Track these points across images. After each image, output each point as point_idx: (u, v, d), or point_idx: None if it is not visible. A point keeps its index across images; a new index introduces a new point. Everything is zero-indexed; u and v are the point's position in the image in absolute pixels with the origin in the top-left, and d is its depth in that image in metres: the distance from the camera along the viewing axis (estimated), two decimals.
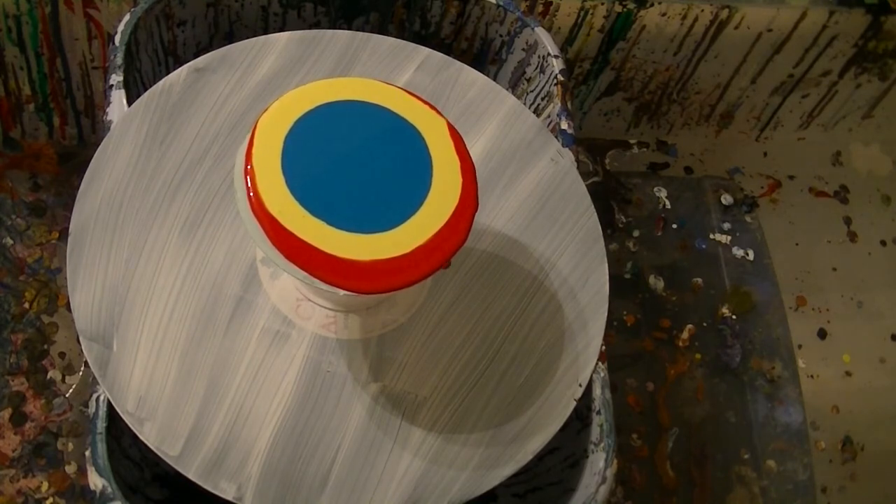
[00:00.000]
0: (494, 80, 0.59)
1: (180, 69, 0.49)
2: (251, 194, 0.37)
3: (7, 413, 0.62)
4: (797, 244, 0.81)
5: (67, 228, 0.44)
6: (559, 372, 0.45)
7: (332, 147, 0.38)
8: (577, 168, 0.52)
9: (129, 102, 0.50)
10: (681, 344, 0.74)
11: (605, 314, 0.47)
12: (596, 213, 0.49)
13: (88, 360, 0.42)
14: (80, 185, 0.45)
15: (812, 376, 0.75)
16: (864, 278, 0.81)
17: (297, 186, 0.37)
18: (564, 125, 0.56)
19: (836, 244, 0.82)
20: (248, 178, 0.37)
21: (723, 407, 0.72)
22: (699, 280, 0.77)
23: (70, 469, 0.61)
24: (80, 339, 0.42)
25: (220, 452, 0.41)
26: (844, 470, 0.72)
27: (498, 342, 0.45)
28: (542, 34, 0.60)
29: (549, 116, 0.58)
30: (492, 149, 0.50)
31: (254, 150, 0.38)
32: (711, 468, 0.70)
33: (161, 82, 0.48)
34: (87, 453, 0.43)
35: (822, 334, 0.77)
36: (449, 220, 0.37)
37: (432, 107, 0.40)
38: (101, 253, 0.44)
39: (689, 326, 0.75)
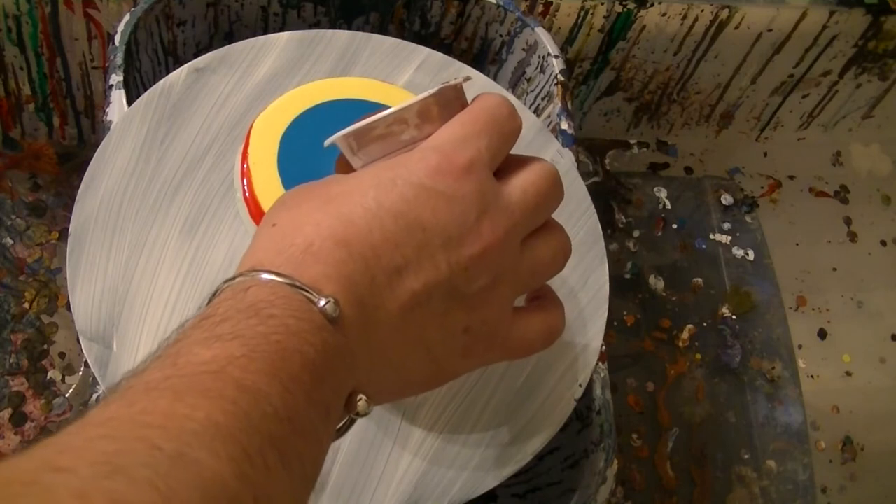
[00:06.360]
0: (494, 80, 0.59)
1: (180, 69, 0.49)
2: (247, 194, 0.37)
3: (7, 413, 0.62)
4: (797, 244, 0.81)
5: (67, 228, 0.44)
6: (559, 372, 0.45)
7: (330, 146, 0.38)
8: (577, 168, 0.51)
9: (129, 102, 0.50)
10: (681, 344, 0.74)
11: (606, 314, 0.47)
12: (596, 213, 0.49)
13: (88, 360, 0.42)
14: (80, 185, 0.45)
15: (812, 376, 0.75)
16: (864, 278, 0.81)
17: (293, 186, 0.37)
18: (564, 125, 0.56)
19: (836, 244, 0.82)
20: (245, 178, 0.37)
21: (723, 407, 0.72)
22: (699, 280, 0.77)
23: None
24: (80, 339, 0.42)
25: None
26: (844, 470, 0.72)
27: None
28: (542, 34, 0.60)
29: (549, 116, 0.58)
30: None
31: (250, 150, 0.38)
32: (711, 468, 0.70)
33: (161, 82, 0.48)
34: None
35: (822, 334, 0.77)
36: None
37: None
38: (101, 253, 0.44)
39: (689, 326, 0.75)
